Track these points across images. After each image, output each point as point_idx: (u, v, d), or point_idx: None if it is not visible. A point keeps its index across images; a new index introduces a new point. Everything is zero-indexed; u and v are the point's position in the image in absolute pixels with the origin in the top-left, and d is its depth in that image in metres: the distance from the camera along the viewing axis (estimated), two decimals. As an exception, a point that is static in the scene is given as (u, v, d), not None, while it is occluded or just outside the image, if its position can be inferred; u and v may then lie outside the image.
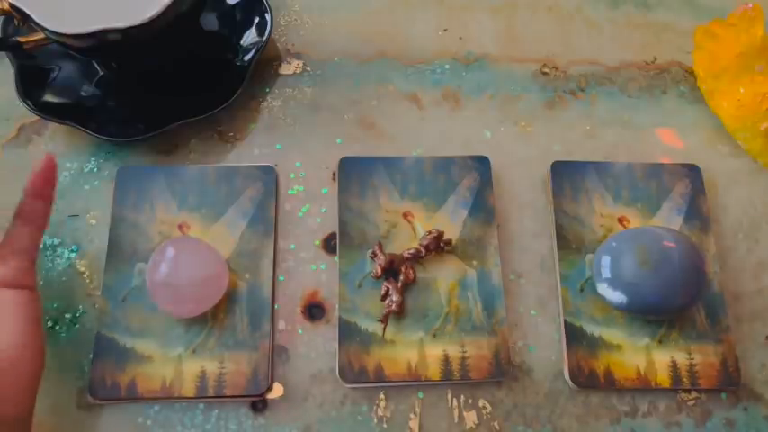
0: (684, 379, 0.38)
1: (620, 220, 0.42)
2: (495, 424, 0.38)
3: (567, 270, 0.40)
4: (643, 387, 0.38)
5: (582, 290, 0.40)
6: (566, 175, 0.43)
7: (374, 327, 0.38)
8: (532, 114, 0.46)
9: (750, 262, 0.42)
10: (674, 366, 0.38)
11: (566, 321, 0.39)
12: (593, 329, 0.39)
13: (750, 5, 0.44)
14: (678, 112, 0.47)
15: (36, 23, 0.37)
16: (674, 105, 0.47)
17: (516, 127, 0.45)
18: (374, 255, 0.40)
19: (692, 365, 0.38)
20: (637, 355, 0.38)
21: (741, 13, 0.44)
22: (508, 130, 0.45)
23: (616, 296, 0.37)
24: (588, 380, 0.38)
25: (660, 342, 0.39)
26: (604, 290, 0.38)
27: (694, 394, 0.39)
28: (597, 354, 0.38)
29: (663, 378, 0.38)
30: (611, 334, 0.39)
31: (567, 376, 0.38)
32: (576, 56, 0.48)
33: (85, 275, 0.40)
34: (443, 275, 0.40)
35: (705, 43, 0.46)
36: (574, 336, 0.39)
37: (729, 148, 0.45)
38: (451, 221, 0.41)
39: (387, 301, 0.38)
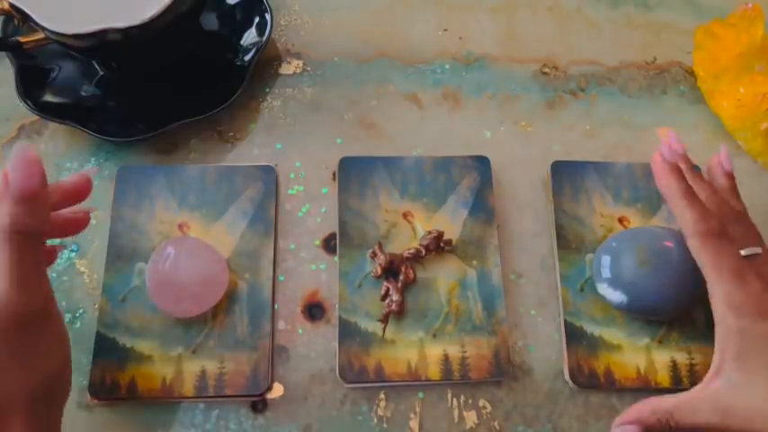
0: (685, 379, 0.38)
1: (621, 220, 0.42)
2: (496, 424, 0.38)
3: (567, 270, 0.40)
4: (643, 387, 0.38)
5: (582, 290, 0.40)
6: (566, 174, 0.43)
7: (374, 327, 0.38)
8: (532, 114, 0.46)
9: (750, 262, 0.42)
10: (674, 366, 0.38)
11: (566, 321, 0.39)
12: (593, 329, 0.39)
13: (750, 5, 0.44)
14: (678, 111, 0.47)
15: (36, 23, 0.37)
16: (675, 105, 0.47)
17: (516, 127, 0.45)
18: (374, 255, 0.40)
19: (692, 365, 0.38)
20: (637, 355, 0.38)
21: (741, 13, 0.44)
22: (508, 130, 0.45)
23: (616, 296, 0.37)
24: (588, 380, 0.38)
25: (660, 342, 0.39)
26: (604, 290, 0.38)
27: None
28: (597, 354, 0.38)
29: (663, 378, 0.38)
30: (611, 334, 0.39)
31: (566, 376, 0.38)
32: (576, 56, 0.48)
33: (85, 275, 0.40)
34: (443, 275, 0.40)
35: (705, 43, 0.46)
36: (574, 336, 0.39)
37: (730, 148, 0.45)
38: (451, 221, 0.41)
39: (387, 301, 0.38)
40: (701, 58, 0.46)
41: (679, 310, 0.38)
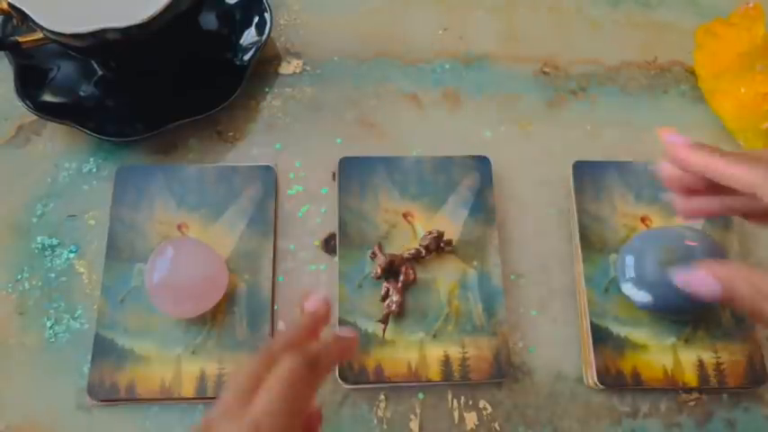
0: (712, 378, 0.37)
1: (643, 220, 0.41)
2: (496, 425, 0.37)
3: (590, 270, 0.40)
4: (670, 387, 0.37)
5: (607, 290, 0.40)
6: (587, 174, 0.42)
7: (374, 327, 0.38)
8: (533, 114, 0.46)
9: (768, 259, 0.42)
10: (700, 365, 0.38)
11: (591, 322, 0.38)
12: (618, 330, 0.39)
13: (751, 5, 0.44)
14: (679, 111, 0.47)
15: (35, 23, 0.37)
16: (675, 105, 0.47)
17: (516, 127, 0.45)
18: (374, 255, 0.39)
19: (718, 364, 0.38)
20: (663, 354, 0.38)
21: (742, 13, 0.44)
22: (508, 130, 0.45)
23: (641, 296, 0.37)
24: (615, 380, 0.37)
25: (686, 341, 0.38)
26: (629, 290, 0.38)
27: (695, 395, 0.38)
28: (624, 354, 0.38)
29: (690, 377, 0.37)
30: (637, 334, 0.38)
31: (594, 377, 0.38)
32: (577, 55, 0.48)
33: (84, 276, 0.40)
34: (443, 276, 0.40)
35: (706, 43, 0.46)
36: (600, 336, 0.38)
37: (731, 148, 0.45)
38: (452, 221, 0.41)
39: (387, 302, 0.38)
40: (701, 58, 0.46)
41: (704, 310, 0.38)
